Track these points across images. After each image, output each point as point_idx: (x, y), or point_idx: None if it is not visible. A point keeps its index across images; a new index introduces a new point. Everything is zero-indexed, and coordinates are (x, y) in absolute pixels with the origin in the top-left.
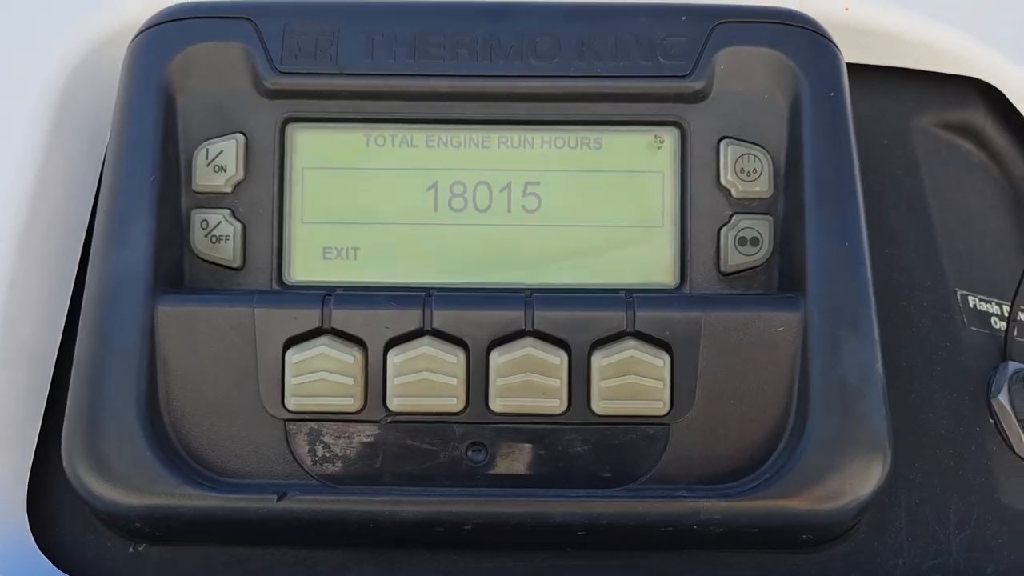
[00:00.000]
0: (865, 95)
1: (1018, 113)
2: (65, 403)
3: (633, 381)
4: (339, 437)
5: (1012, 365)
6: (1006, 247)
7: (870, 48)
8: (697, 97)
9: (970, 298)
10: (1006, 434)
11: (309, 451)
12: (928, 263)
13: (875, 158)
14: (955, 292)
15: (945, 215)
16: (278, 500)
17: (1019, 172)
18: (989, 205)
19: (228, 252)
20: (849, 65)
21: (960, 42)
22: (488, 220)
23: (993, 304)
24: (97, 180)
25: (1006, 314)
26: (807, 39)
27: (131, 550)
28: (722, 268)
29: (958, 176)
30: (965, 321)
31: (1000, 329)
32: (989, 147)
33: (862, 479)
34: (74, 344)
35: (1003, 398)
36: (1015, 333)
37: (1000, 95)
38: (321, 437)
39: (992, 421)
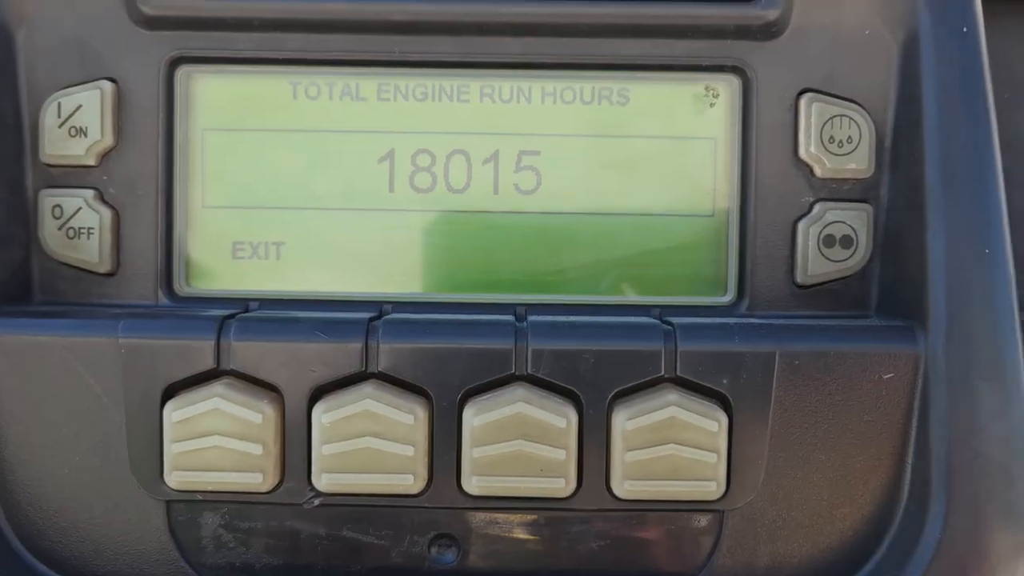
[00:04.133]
0: (1004, 32)
1: None
2: None
3: (674, 452)
4: (244, 526)
5: None
6: None
7: None
8: (768, 32)
9: None
10: None
11: (202, 545)
12: None
13: (1015, 121)
14: None
15: None
16: None
17: None
18: None
19: (94, 251)
20: None
21: None
22: (466, 205)
23: None
24: None
25: None
26: None
27: None
28: (798, 279)
29: None
30: None
31: None
32: None
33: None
34: None
35: None
36: None
37: None
38: (217, 526)
39: None
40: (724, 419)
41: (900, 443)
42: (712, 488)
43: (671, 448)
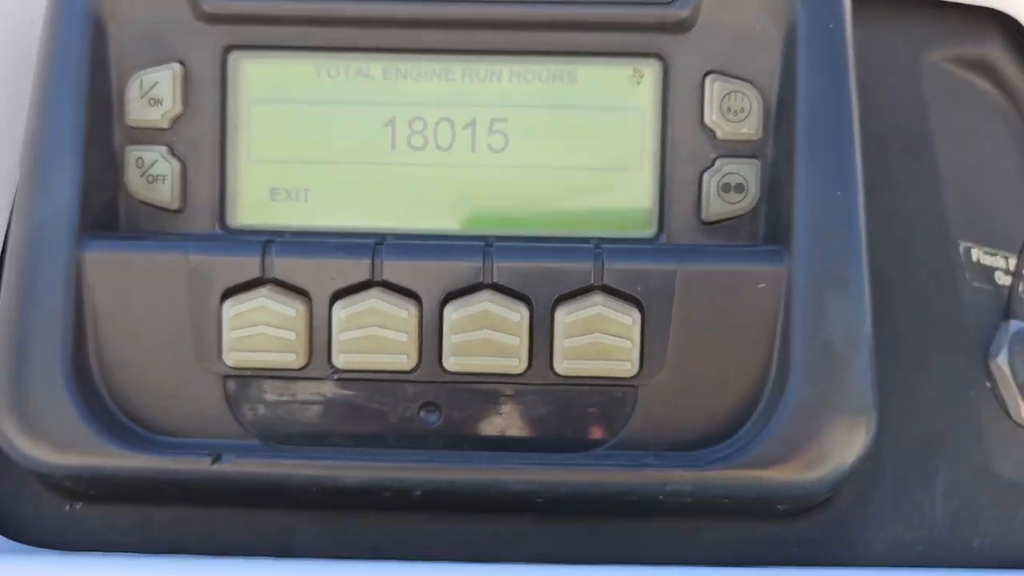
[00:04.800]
0: (870, 27)
1: None
2: None
3: (599, 340)
4: (281, 395)
5: (1015, 324)
6: (1019, 195)
7: None
8: (681, 27)
9: (973, 251)
10: (1003, 399)
11: (249, 409)
12: (930, 212)
13: (879, 96)
14: (958, 244)
15: (952, 160)
16: (212, 463)
17: None
18: (1002, 149)
19: (166, 193)
20: None
21: None
22: (450, 160)
23: (999, 257)
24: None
25: (1012, 268)
26: None
27: (67, 508)
28: (703, 217)
29: (970, 117)
30: (967, 276)
31: (1004, 285)
32: (1006, 85)
33: (843, 448)
34: None
35: (1002, 360)
36: (1021, 289)
37: (1020, 27)
38: (262, 394)
39: (989, 385)
40: (638, 316)
41: (770, 336)
42: (628, 367)
43: (597, 336)
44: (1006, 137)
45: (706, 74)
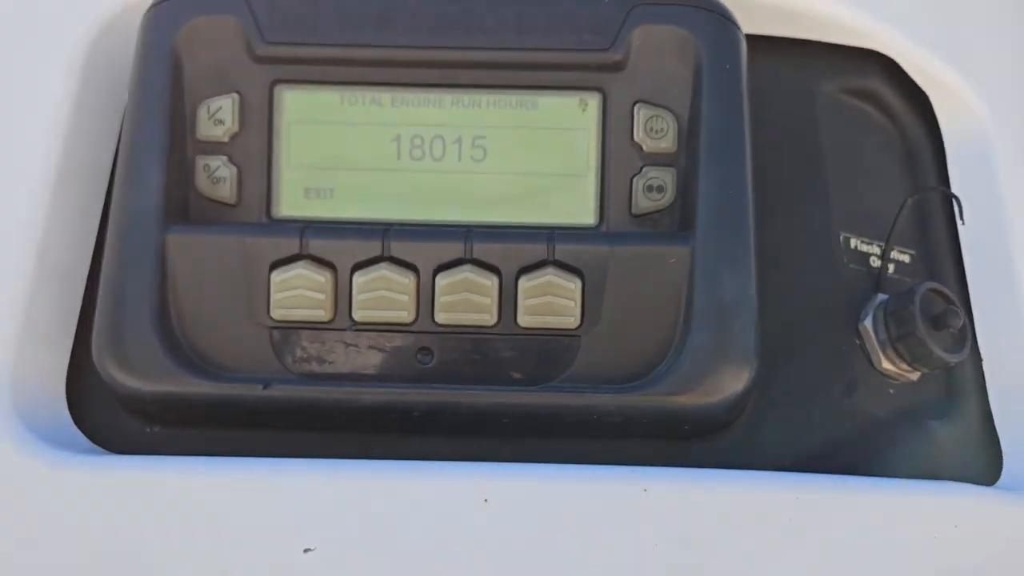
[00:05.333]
0: (777, 62)
1: (912, 80)
2: (94, 312)
3: (550, 300)
4: (313, 341)
5: (880, 296)
6: (894, 196)
7: (782, 21)
8: (616, 68)
9: (852, 240)
10: (868, 353)
11: (288, 352)
12: (816, 209)
13: (781, 117)
14: (839, 235)
15: (838, 167)
16: (263, 388)
17: (912, 130)
18: (882, 159)
19: (226, 191)
20: (763, 37)
21: (862, 18)
22: (442, 167)
23: (873, 245)
24: (118, 130)
25: (882, 254)
26: (711, 20)
27: (147, 430)
28: (633, 211)
29: (855, 134)
30: (845, 260)
31: (876, 267)
32: (886, 110)
33: (732, 381)
34: (101, 264)
35: (868, 323)
36: (889, 270)
37: (896, 65)
38: (299, 341)
39: (858, 343)
40: (579, 283)
41: (679, 298)
42: (572, 321)
43: (549, 298)
44: (885, 150)
45: (635, 103)
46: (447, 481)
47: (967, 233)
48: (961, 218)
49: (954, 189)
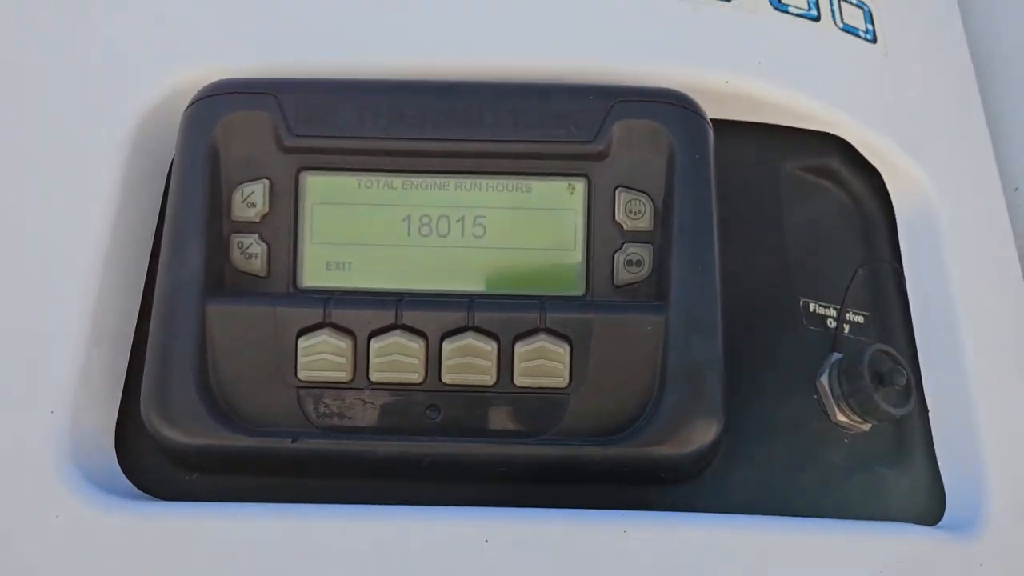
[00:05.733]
0: (744, 144)
1: (866, 159)
2: (140, 372)
3: (543, 363)
4: (334, 399)
5: (835, 355)
6: (850, 264)
7: (749, 109)
8: (599, 157)
9: (811, 304)
10: (824, 407)
11: (313, 409)
12: (779, 277)
13: (747, 193)
14: (799, 299)
15: (799, 238)
16: (292, 442)
17: (867, 205)
18: (839, 230)
19: (257, 265)
20: (730, 122)
21: (820, 106)
22: (447, 243)
23: (830, 309)
24: (158, 210)
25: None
26: (682, 114)
27: (187, 478)
28: (615, 282)
29: (815, 207)
30: (805, 322)
31: (832, 328)
32: (844, 186)
33: (702, 434)
34: (147, 330)
35: (824, 379)
36: (845, 330)
37: (852, 147)
38: (322, 399)
39: (816, 397)
40: (568, 347)
41: (655, 361)
42: (562, 381)
43: (541, 361)
44: (842, 222)
45: (616, 187)
46: (453, 523)
47: (915, 297)
48: (904, 287)
49: (904, 258)
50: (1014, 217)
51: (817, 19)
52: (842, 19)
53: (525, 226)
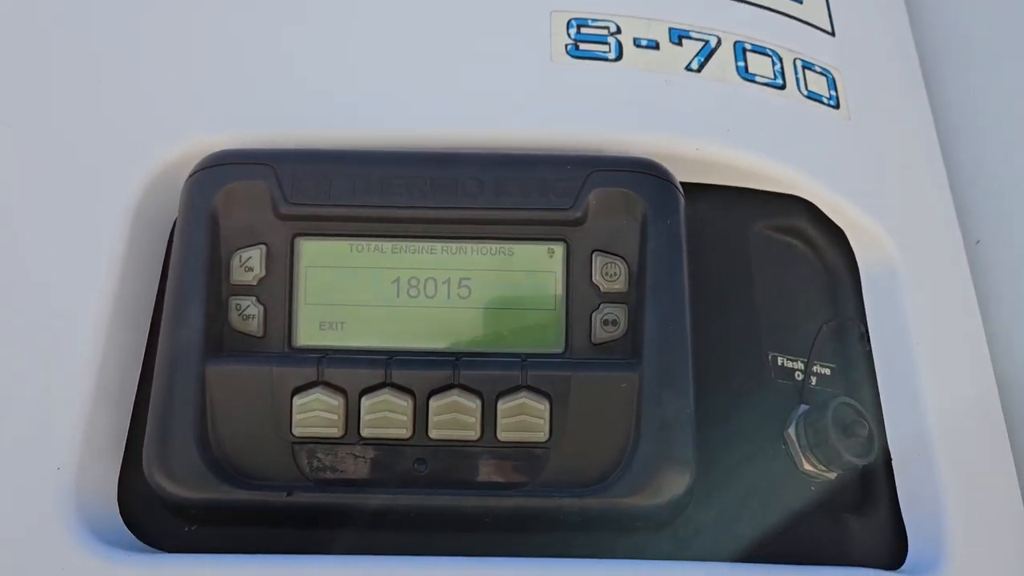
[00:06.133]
0: (714, 206)
1: (831, 220)
2: (142, 430)
3: (524, 419)
4: (327, 454)
5: (802, 407)
6: (817, 319)
7: (720, 173)
8: (577, 223)
9: (779, 358)
10: (792, 457)
11: (307, 463)
12: (749, 332)
13: (717, 252)
14: (768, 354)
15: (767, 294)
16: (287, 495)
17: (833, 261)
18: (806, 287)
19: (254, 326)
20: (701, 185)
21: (786, 171)
22: (434, 304)
23: (798, 362)
24: (160, 275)
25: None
26: (654, 183)
27: (186, 529)
28: (593, 340)
29: (782, 265)
30: (773, 375)
31: (799, 380)
32: (810, 244)
33: (674, 485)
34: (148, 389)
35: (791, 431)
36: (813, 382)
37: (817, 208)
38: (316, 454)
39: (784, 447)
40: (548, 403)
41: (630, 415)
42: (542, 436)
43: (523, 416)
44: (809, 279)
45: (592, 251)
46: (439, 572)
47: (879, 349)
48: (867, 342)
49: (868, 312)
50: (975, 268)
51: (783, 87)
52: (806, 87)
53: (508, 288)
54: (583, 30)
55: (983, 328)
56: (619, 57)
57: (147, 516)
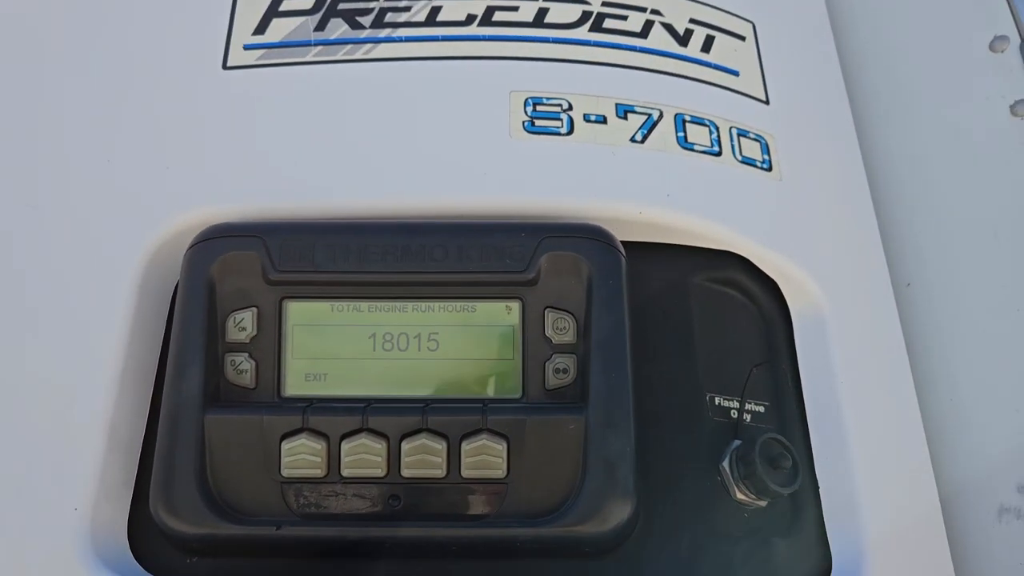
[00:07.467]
0: (655, 263)
1: (763, 273)
2: (148, 473)
3: (485, 458)
4: (312, 492)
5: (736, 442)
6: (751, 362)
7: (658, 233)
8: (531, 283)
9: (717, 398)
10: (727, 487)
11: (294, 500)
12: (688, 375)
13: (658, 304)
14: (706, 394)
15: (706, 340)
16: (276, 529)
17: (767, 309)
18: (743, 332)
19: (247, 379)
20: (643, 244)
21: (721, 230)
22: (406, 356)
23: (734, 401)
24: (163, 335)
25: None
26: (600, 247)
27: (188, 560)
28: (546, 387)
29: (720, 313)
30: (711, 414)
31: (735, 418)
32: (746, 293)
33: (616, 514)
34: (154, 438)
35: (726, 464)
36: (747, 419)
37: (750, 262)
38: (302, 492)
39: (720, 479)
40: (506, 443)
41: (577, 455)
42: (500, 473)
43: (483, 456)
44: (745, 325)
45: (545, 308)
46: None
47: (808, 388)
48: (796, 381)
49: (799, 354)
50: (906, 310)
51: (719, 154)
52: (741, 152)
53: (471, 341)
54: (539, 107)
55: (909, 365)
56: (571, 131)
57: (153, 549)
